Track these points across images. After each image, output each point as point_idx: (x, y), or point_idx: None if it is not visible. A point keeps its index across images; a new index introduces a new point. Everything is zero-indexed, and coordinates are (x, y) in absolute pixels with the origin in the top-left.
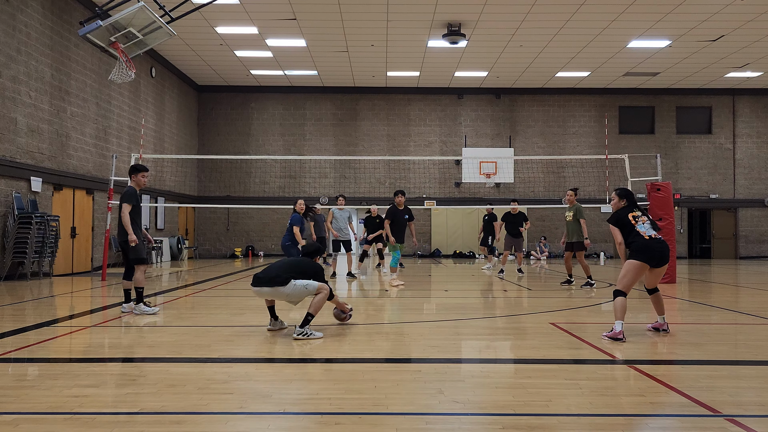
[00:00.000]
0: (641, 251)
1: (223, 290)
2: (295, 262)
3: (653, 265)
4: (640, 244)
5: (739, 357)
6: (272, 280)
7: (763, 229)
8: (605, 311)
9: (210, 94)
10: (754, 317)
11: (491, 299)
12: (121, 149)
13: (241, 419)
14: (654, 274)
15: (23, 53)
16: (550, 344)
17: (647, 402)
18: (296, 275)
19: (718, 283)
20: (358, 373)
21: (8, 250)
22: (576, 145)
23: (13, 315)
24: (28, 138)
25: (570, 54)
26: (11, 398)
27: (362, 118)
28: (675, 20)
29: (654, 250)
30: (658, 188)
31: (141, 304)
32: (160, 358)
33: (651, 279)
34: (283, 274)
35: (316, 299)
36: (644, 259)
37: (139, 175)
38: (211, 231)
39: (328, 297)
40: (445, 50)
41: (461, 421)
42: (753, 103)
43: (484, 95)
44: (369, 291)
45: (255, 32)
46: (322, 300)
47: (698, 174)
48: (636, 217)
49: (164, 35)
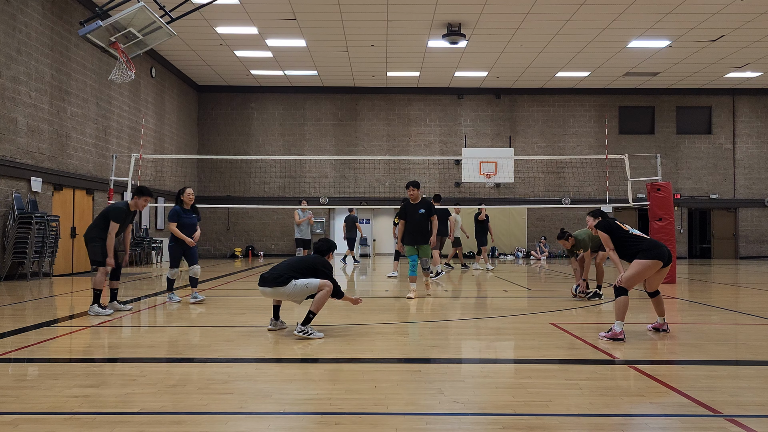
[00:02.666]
0: (653, 248)
1: (223, 290)
2: (299, 261)
3: (665, 263)
4: (651, 243)
5: (739, 357)
6: (275, 279)
7: (763, 229)
8: (605, 311)
9: (210, 94)
10: (754, 317)
11: (491, 299)
12: (121, 149)
13: (241, 419)
14: (660, 274)
15: (23, 53)
16: (550, 344)
17: (647, 402)
18: (297, 275)
19: (718, 283)
20: (358, 373)
21: (8, 250)
22: (576, 145)
23: (13, 315)
24: (28, 138)
25: (570, 54)
26: (11, 398)
27: (362, 118)
28: (675, 20)
29: (664, 247)
30: (658, 188)
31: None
32: (160, 358)
33: (656, 280)
34: (286, 273)
35: (318, 297)
36: (657, 255)
37: (142, 198)
38: (211, 231)
39: (333, 294)
40: (445, 50)
41: (461, 421)
42: (753, 103)
43: (484, 95)
44: (369, 291)
45: (255, 32)
46: (324, 297)
47: (698, 174)
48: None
49: (164, 35)
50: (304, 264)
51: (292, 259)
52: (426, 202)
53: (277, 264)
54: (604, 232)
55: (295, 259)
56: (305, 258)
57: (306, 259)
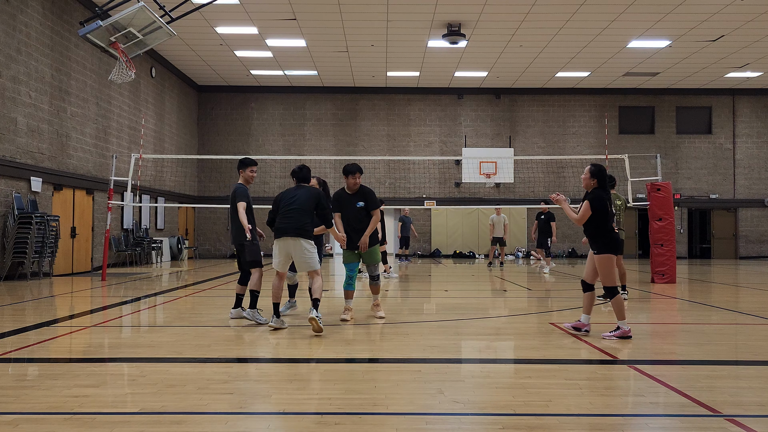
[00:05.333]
0: (618, 246)
1: (223, 290)
2: (302, 204)
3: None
4: (616, 239)
5: (739, 357)
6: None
7: (763, 229)
8: (605, 311)
9: (210, 94)
10: (754, 317)
11: (491, 299)
12: (121, 149)
13: (241, 419)
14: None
15: (23, 53)
16: (550, 344)
17: (647, 402)
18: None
19: (718, 283)
20: (358, 373)
21: (8, 250)
22: (576, 145)
23: (13, 315)
24: (28, 138)
25: (570, 54)
26: (11, 398)
27: (362, 118)
28: (675, 20)
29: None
30: (658, 188)
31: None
32: (160, 358)
33: (596, 273)
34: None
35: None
36: (616, 253)
37: (248, 169)
38: (211, 231)
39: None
40: (445, 50)
41: (461, 421)
42: (753, 103)
43: (484, 95)
44: (366, 291)
45: (255, 32)
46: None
47: (698, 174)
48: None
49: (164, 35)
50: (308, 204)
51: (292, 205)
52: (366, 192)
53: (286, 214)
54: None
55: (297, 204)
56: (302, 197)
57: (303, 197)
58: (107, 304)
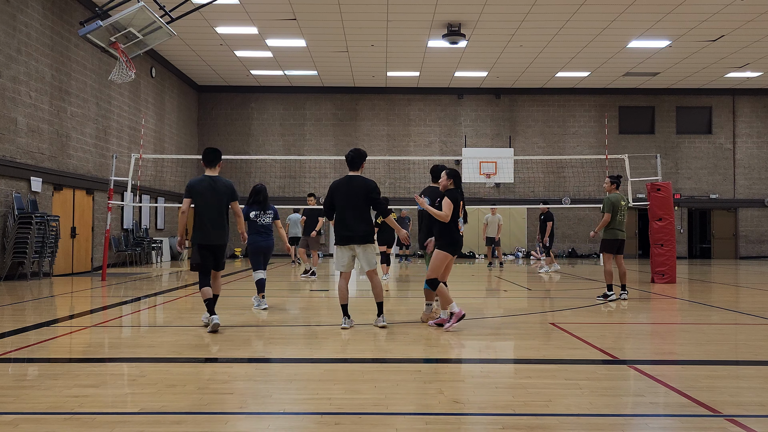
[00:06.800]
0: (455, 245)
1: (223, 290)
2: (354, 201)
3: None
4: (456, 239)
5: (739, 357)
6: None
7: (763, 229)
8: (605, 311)
9: (210, 94)
10: (754, 317)
11: (491, 299)
12: (121, 149)
13: (241, 419)
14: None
15: (23, 53)
16: (550, 344)
17: (647, 402)
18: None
19: (718, 283)
20: (358, 373)
21: (8, 250)
22: (576, 145)
23: (13, 315)
24: (28, 138)
25: (570, 54)
26: (11, 398)
27: (362, 118)
28: (675, 20)
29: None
30: (658, 188)
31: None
32: (160, 358)
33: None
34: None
35: (375, 286)
36: (454, 252)
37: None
38: None
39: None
40: (445, 50)
41: (461, 421)
42: (753, 103)
43: (484, 95)
44: (367, 291)
45: (255, 32)
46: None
47: (698, 174)
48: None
49: (164, 35)
50: (362, 201)
51: (345, 203)
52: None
53: (343, 219)
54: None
55: (350, 203)
56: (354, 192)
57: (356, 193)
58: (107, 304)
